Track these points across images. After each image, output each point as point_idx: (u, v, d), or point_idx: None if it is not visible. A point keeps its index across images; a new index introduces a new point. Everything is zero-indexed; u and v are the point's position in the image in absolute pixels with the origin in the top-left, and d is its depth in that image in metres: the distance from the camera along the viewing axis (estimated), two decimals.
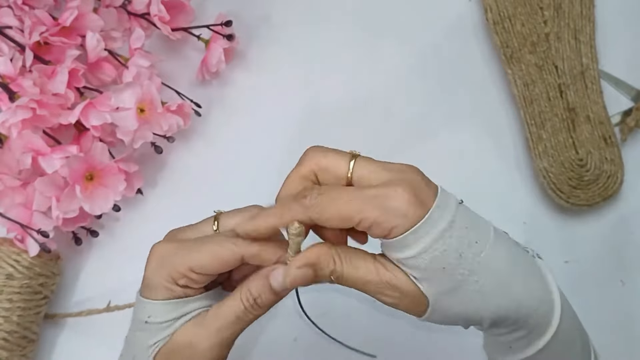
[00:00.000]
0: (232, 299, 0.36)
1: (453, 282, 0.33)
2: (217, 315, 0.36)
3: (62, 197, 0.52)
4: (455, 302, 0.34)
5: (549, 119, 0.61)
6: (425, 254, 0.32)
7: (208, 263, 0.35)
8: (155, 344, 0.36)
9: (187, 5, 0.60)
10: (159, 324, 0.36)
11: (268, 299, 0.36)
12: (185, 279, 0.36)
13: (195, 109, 0.60)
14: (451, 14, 0.66)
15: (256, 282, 0.35)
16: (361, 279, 0.34)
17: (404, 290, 0.34)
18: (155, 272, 0.36)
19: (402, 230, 0.32)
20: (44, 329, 0.56)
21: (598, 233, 0.61)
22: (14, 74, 0.53)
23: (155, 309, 0.36)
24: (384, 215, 0.32)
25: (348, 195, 0.33)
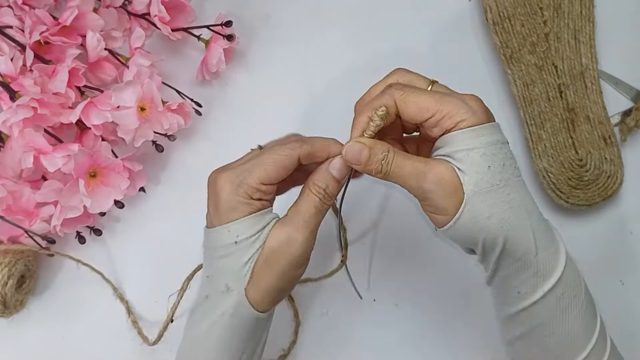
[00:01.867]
0: (304, 196, 0.41)
1: (490, 185, 0.38)
2: (299, 212, 0.41)
3: (64, 192, 0.52)
4: (485, 204, 0.38)
5: (548, 119, 0.61)
6: (479, 149, 0.38)
7: (273, 172, 0.40)
8: (250, 259, 0.40)
9: (187, 5, 0.60)
10: (249, 238, 0.40)
11: (334, 187, 0.42)
12: (259, 193, 0.40)
13: (195, 108, 0.61)
14: (451, 14, 0.66)
15: (320, 175, 0.41)
16: (410, 165, 0.39)
17: (447, 179, 0.38)
18: (231, 194, 0.40)
19: (468, 124, 0.38)
20: None
21: (598, 233, 0.61)
22: (14, 73, 0.53)
23: (242, 227, 0.40)
24: (457, 109, 0.38)
25: (431, 92, 0.40)
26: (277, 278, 0.40)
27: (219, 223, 0.41)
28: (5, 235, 0.54)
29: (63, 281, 0.58)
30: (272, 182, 0.40)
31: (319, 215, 0.41)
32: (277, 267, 0.40)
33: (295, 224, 0.40)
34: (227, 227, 0.40)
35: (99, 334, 0.58)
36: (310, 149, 0.41)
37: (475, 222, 0.38)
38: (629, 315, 0.60)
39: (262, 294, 0.40)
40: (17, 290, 0.54)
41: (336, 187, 0.42)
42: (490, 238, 0.39)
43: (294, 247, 0.40)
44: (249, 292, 0.40)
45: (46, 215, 0.54)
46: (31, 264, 0.55)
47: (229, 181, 0.41)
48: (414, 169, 0.39)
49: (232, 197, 0.40)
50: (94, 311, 0.58)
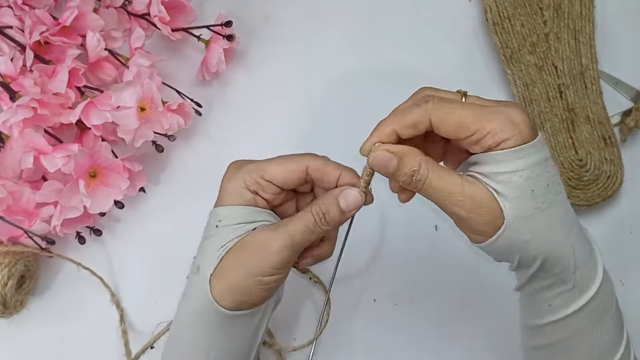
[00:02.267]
0: (304, 211, 0.39)
1: (532, 209, 0.36)
2: (289, 222, 0.39)
3: (64, 192, 0.52)
4: (526, 229, 0.36)
5: (548, 119, 0.61)
6: (523, 172, 0.35)
7: (277, 170, 0.39)
8: (224, 245, 0.39)
9: (187, 5, 0.60)
10: (229, 225, 0.39)
11: (335, 216, 0.39)
12: (256, 185, 0.39)
13: (195, 109, 0.61)
14: (451, 14, 0.66)
15: (326, 199, 0.39)
16: (444, 187, 0.36)
17: (485, 206, 0.36)
18: (229, 179, 0.40)
19: (513, 144, 0.35)
20: None
21: (598, 233, 0.61)
22: (14, 73, 0.53)
23: (227, 212, 0.39)
24: (502, 127, 0.35)
25: (470, 106, 0.36)
26: (240, 275, 0.38)
27: (215, 205, 0.41)
28: (5, 235, 0.54)
29: (63, 282, 0.58)
30: (273, 181, 0.39)
31: (306, 234, 0.39)
32: (244, 264, 0.38)
33: (278, 230, 0.38)
34: (217, 209, 0.40)
35: (99, 334, 0.58)
36: (322, 165, 0.39)
37: (513, 244, 0.37)
38: (629, 315, 0.59)
39: (225, 286, 0.38)
40: (17, 290, 0.54)
41: (337, 217, 0.39)
42: (527, 258, 0.37)
43: (267, 252, 0.38)
44: (213, 279, 0.39)
45: (46, 216, 0.54)
46: (31, 265, 0.55)
47: (234, 168, 0.41)
48: (448, 192, 0.36)
49: (229, 183, 0.40)
50: (94, 311, 0.58)
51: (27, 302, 0.57)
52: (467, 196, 0.36)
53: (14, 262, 0.53)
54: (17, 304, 0.55)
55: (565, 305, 0.38)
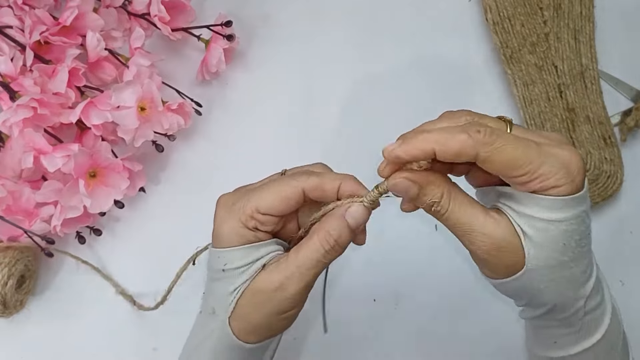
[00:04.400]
0: (310, 243, 0.37)
1: (555, 261, 0.33)
2: (299, 261, 0.36)
3: (64, 192, 0.52)
4: (544, 278, 0.34)
5: (548, 119, 0.61)
6: (561, 223, 0.33)
7: (272, 201, 0.36)
8: (235, 290, 0.37)
9: (187, 5, 0.60)
10: (237, 269, 0.37)
11: (347, 237, 0.36)
12: (254, 221, 0.37)
13: (195, 108, 0.61)
14: (451, 14, 0.66)
15: (334, 223, 0.36)
16: (465, 224, 0.34)
17: (507, 249, 0.33)
18: (223, 220, 0.37)
19: (563, 192, 0.32)
20: None
21: (598, 233, 0.61)
22: (14, 73, 0.53)
23: (230, 256, 0.37)
24: (554, 173, 0.32)
25: (525, 143, 0.32)
26: (262, 316, 0.37)
27: (214, 246, 0.38)
28: (5, 235, 0.54)
29: (63, 281, 0.58)
30: (270, 213, 0.37)
31: (319, 267, 0.37)
32: (262, 309, 0.37)
33: (291, 273, 0.36)
34: (218, 252, 0.38)
35: (99, 334, 0.58)
36: (318, 183, 0.37)
37: (526, 289, 0.35)
38: (629, 315, 0.59)
39: (246, 326, 0.38)
40: (17, 290, 0.54)
41: (349, 238, 0.37)
42: (537, 302, 0.36)
43: (283, 296, 0.36)
44: (233, 322, 0.38)
45: (46, 216, 0.54)
46: (31, 264, 0.55)
47: (225, 205, 0.38)
48: (469, 229, 0.34)
49: (224, 224, 0.37)
50: (94, 311, 0.58)
51: (27, 301, 0.57)
52: (488, 237, 0.34)
53: (14, 262, 0.53)
54: (17, 304, 0.55)
55: (571, 345, 0.37)
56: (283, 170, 0.41)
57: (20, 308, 0.56)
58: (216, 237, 0.38)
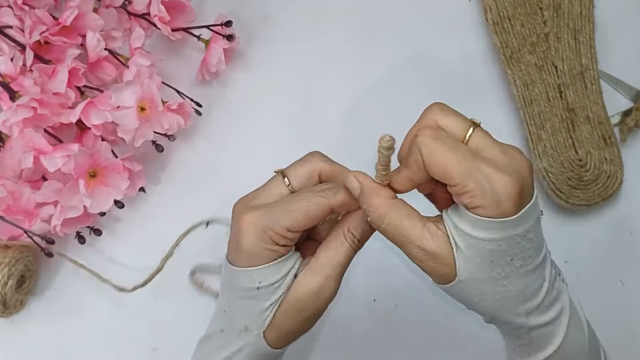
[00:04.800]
0: (338, 243, 0.39)
1: (487, 276, 0.35)
2: (331, 261, 0.38)
3: (64, 192, 0.52)
4: (476, 291, 0.35)
5: (548, 119, 0.61)
6: (488, 243, 0.34)
7: (302, 220, 0.37)
8: (271, 306, 0.38)
9: (187, 5, 0.60)
10: (272, 285, 0.38)
11: (367, 235, 0.39)
12: (285, 239, 0.38)
13: (195, 108, 0.61)
14: (451, 14, 0.66)
15: (357, 223, 0.39)
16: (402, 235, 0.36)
17: (440, 261, 0.35)
18: (255, 241, 0.38)
19: (488, 213, 0.33)
20: None
21: (598, 233, 0.61)
22: (14, 73, 0.53)
23: (265, 273, 0.38)
24: (481, 192, 0.33)
25: (463, 155, 0.34)
26: (300, 323, 0.39)
27: (241, 265, 0.38)
28: (5, 235, 0.54)
29: (63, 281, 0.58)
30: (300, 230, 0.38)
31: (347, 263, 0.39)
32: (302, 315, 0.39)
33: (327, 273, 0.38)
34: (250, 271, 0.38)
35: (99, 334, 0.58)
36: (345, 200, 0.38)
37: (463, 299, 0.37)
38: (629, 315, 0.60)
39: (282, 336, 0.39)
40: (17, 290, 0.54)
41: (369, 235, 0.39)
42: (479, 310, 0.37)
43: (324, 297, 0.38)
44: (268, 333, 0.39)
45: (46, 216, 0.54)
46: (31, 264, 0.55)
47: (253, 224, 0.38)
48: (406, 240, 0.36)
49: (256, 243, 0.38)
50: (94, 311, 0.58)
51: (27, 301, 0.57)
52: (423, 249, 0.35)
53: (14, 262, 0.53)
54: (17, 304, 0.55)
55: (525, 355, 0.38)
56: (279, 170, 0.41)
57: (20, 308, 0.56)
58: (247, 255, 0.38)
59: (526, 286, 0.35)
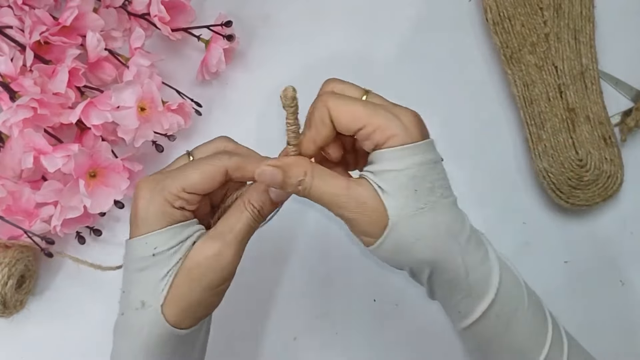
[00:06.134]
0: (238, 212, 0.39)
1: (415, 208, 0.36)
2: (231, 228, 0.38)
3: (64, 192, 0.52)
4: (410, 231, 0.36)
5: (548, 119, 0.61)
6: (408, 170, 0.36)
7: (198, 180, 0.38)
8: (168, 273, 0.37)
9: (187, 5, 0.60)
10: (168, 250, 0.37)
11: (268, 208, 0.39)
12: (180, 200, 0.38)
13: (195, 108, 0.61)
14: (451, 14, 0.66)
15: (257, 195, 0.39)
16: (329, 192, 0.37)
17: (369, 205, 0.36)
18: (149, 203, 0.38)
19: (399, 141, 0.36)
20: None
21: (598, 233, 0.61)
22: (14, 73, 0.53)
23: (160, 238, 0.37)
24: (389, 123, 0.36)
25: (363, 103, 0.37)
26: (200, 292, 0.37)
27: (137, 234, 0.38)
28: (5, 235, 0.54)
29: (63, 281, 0.58)
30: (196, 192, 0.38)
31: (250, 233, 0.39)
32: (201, 281, 0.37)
33: (226, 239, 0.38)
34: (145, 238, 0.37)
35: (99, 334, 0.58)
36: (240, 163, 0.38)
37: (401, 247, 0.37)
38: (629, 315, 0.60)
39: (181, 309, 0.38)
40: (17, 290, 0.54)
41: (271, 209, 0.40)
42: (416, 264, 0.38)
43: (224, 261, 0.37)
44: (166, 308, 0.37)
45: (46, 216, 0.54)
46: (31, 264, 0.55)
47: (148, 188, 0.38)
48: (333, 194, 0.37)
49: (150, 207, 0.37)
50: (94, 311, 0.58)
51: (27, 301, 0.57)
52: (352, 197, 0.36)
53: (14, 262, 0.53)
54: (17, 304, 0.55)
55: (470, 311, 0.38)
56: (187, 152, 0.41)
57: (20, 308, 0.56)
58: (141, 221, 0.38)
59: (453, 220, 0.37)
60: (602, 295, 0.60)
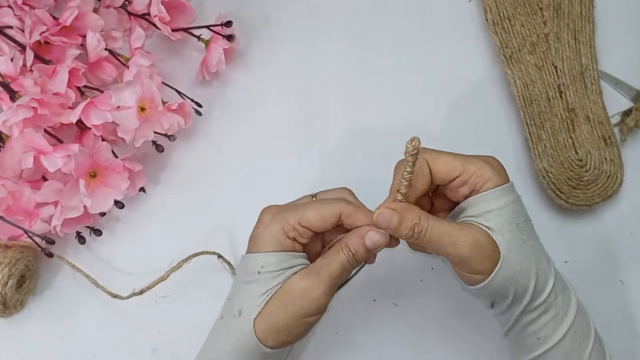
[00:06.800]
0: (335, 252, 0.42)
1: (520, 240, 0.41)
2: (327, 266, 0.42)
3: (64, 192, 0.52)
4: (517, 259, 0.41)
5: (548, 119, 0.61)
6: (507, 208, 0.41)
7: (313, 217, 0.42)
8: (267, 292, 0.41)
9: (187, 5, 0.60)
10: (272, 272, 0.41)
11: (363, 254, 0.42)
12: (294, 232, 0.42)
13: (195, 108, 0.61)
14: (451, 14, 0.66)
15: (354, 240, 0.42)
16: (447, 232, 0.40)
17: (483, 243, 0.40)
18: (267, 227, 0.42)
19: (495, 183, 0.41)
20: None
21: (598, 233, 0.61)
22: (14, 73, 0.53)
23: (268, 260, 0.42)
24: (483, 170, 0.41)
25: (453, 154, 0.42)
26: (286, 317, 0.41)
27: (251, 251, 0.43)
28: (5, 235, 0.54)
29: (63, 281, 0.58)
30: (309, 227, 0.42)
31: (343, 274, 0.42)
32: (289, 308, 0.41)
33: (320, 275, 0.41)
34: (256, 256, 0.42)
35: (99, 334, 0.58)
36: (354, 211, 0.42)
37: (509, 277, 0.41)
38: (629, 315, 0.60)
39: (269, 327, 0.41)
40: (17, 290, 0.54)
41: (365, 255, 0.43)
42: (521, 289, 0.41)
43: (312, 296, 0.41)
44: (258, 322, 0.41)
45: (46, 216, 0.54)
46: (31, 264, 0.55)
47: (270, 214, 0.43)
48: (449, 237, 0.40)
49: (267, 230, 0.42)
50: (94, 311, 0.58)
51: (27, 301, 0.57)
52: (467, 237, 0.40)
53: (14, 262, 0.53)
54: (17, 304, 0.55)
55: (551, 334, 0.42)
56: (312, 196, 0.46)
57: (20, 308, 0.56)
58: (256, 241, 0.43)
59: (539, 244, 0.43)
60: (602, 295, 0.60)
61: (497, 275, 0.40)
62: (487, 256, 0.40)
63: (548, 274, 0.42)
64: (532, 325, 0.43)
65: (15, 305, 0.55)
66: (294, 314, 0.41)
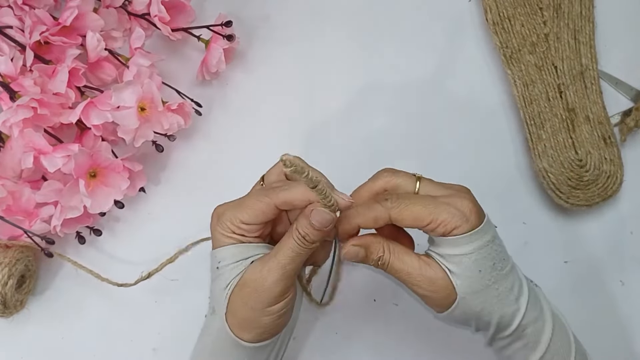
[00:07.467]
0: (286, 238, 0.42)
1: (481, 285, 0.41)
2: (277, 253, 0.41)
3: (64, 192, 0.52)
4: (477, 302, 0.41)
5: (548, 119, 0.61)
6: (472, 255, 0.41)
7: (252, 215, 0.41)
8: (228, 285, 0.42)
9: (187, 5, 0.60)
10: (228, 265, 0.42)
11: (313, 234, 0.41)
12: (240, 229, 0.42)
13: (195, 108, 0.61)
14: (451, 14, 0.66)
15: (302, 221, 0.41)
16: (404, 270, 0.42)
17: (440, 285, 0.41)
18: (215, 228, 0.43)
19: (462, 231, 0.40)
20: None
21: (598, 233, 0.61)
22: (14, 73, 0.53)
23: (223, 253, 0.42)
24: (451, 218, 0.40)
25: (423, 201, 0.41)
26: (248, 310, 0.41)
27: (212, 248, 0.43)
28: (5, 235, 0.54)
29: (63, 281, 0.58)
30: (252, 223, 0.42)
31: (295, 259, 0.41)
32: (248, 301, 0.41)
33: (270, 264, 0.41)
34: (214, 252, 0.43)
35: (99, 334, 0.58)
36: (288, 198, 0.41)
37: (468, 314, 0.42)
38: (629, 315, 0.60)
39: (238, 322, 0.42)
40: (17, 290, 0.54)
41: (317, 234, 0.41)
42: (482, 324, 0.43)
43: (265, 286, 0.40)
44: (228, 318, 0.42)
45: (46, 216, 0.54)
46: (31, 264, 0.55)
47: (215, 216, 0.43)
48: (408, 273, 0.42)
49: (215, 231, 0.43)
50: (94, 311, 0.58)
51: (27, 301, 0.57)
52: (425, 277, 0.41)
53: (14, 262, 0.53)
54: (17, 304, 0.55)
55: (524, 359, 0.43)
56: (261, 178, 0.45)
57: (20, 308, 0.56)
58: (213, 240, 0.43)
59: (512, 285, 0.42)
60: (602, 295, 0.60)
61: (454, 312, 0.42)
62: (443, 296, 0.41)
63: (515, 313, 0.42)
64: (506, 349, 0.44)
65: (15, 305, 0.55)
66: (253, 306, 0.41)
